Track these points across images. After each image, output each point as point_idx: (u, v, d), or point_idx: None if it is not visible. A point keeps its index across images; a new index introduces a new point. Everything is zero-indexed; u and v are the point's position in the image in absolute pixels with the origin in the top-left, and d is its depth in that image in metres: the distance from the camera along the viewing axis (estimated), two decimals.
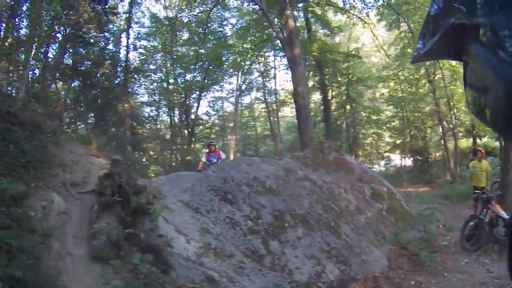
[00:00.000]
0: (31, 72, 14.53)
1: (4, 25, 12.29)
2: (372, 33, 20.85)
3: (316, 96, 29.21)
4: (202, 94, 27.02)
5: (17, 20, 13.06)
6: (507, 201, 8.73)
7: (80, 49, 17.26)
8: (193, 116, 26.46)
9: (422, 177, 25.54)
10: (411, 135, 28.78)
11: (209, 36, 23.58)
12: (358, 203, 8.18)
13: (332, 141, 15.57)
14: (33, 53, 13.62)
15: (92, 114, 19.97)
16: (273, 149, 30.81)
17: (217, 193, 6.51)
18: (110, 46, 20.50)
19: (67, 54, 17.21)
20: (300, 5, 20.99)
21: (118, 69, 20.94)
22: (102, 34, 18.28)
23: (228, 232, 5.82)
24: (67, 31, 15.58)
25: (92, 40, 17.43)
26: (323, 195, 7.31)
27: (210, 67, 25.90)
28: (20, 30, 13.81)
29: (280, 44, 20.90)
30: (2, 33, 12.18)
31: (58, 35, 15.70)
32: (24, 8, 12.74)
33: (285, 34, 15.87)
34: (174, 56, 24.98)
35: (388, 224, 8.26)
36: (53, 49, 16.34)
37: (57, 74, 16.32)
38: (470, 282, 6.68)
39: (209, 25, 21.92)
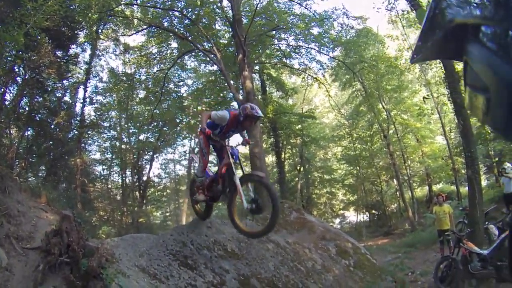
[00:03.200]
0: None
1: None
2: (327, 92, 21.62)
3: (269, 158, 29.51)
4: (155, 156, 26.60)
5: None
6: (477, 237, 9.02)
7: (38, 96, 16.54)
8: (145, 178, 25.79)
9: (380, 230, 26.39)
10: (365, 191, 29.43)
11: (165, 97, 23.55)
12: (324, 262, 7.96)
13: (291, 202, 15.51)
14: None
15: (43, 167, 18.79)
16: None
17: (176, 258, 5.93)
18: (67, 98, 19.98)
19: (24, 99, 16.35)
20: (257, 67, 21.60)
21: (73, 122, 20.14)
22: (60, 84, 17.76)
23: None
24: (27, 75, 14.99)
25: (49, 89, 16.86)
26: (288, 256, 7.05)
27: (164, 128, 25.68)
28: None
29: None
30: None
31: (18, 78, 15.12)
32: None
33: (242, 96, 16.16)
34: (129, 115, 24.65)
35: (357, 279, 8.06)
36: (11, 92, 15.53)
37: (11, 119, 15.32)
38: None
39: (165, 85, 21.90)
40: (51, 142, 17.93)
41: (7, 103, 15.09)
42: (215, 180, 5.98)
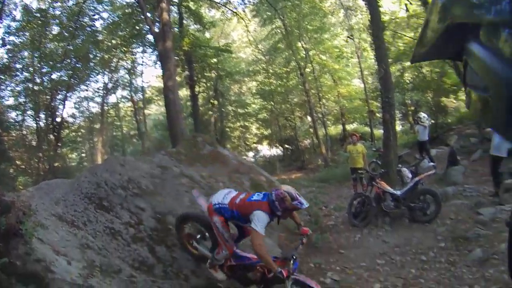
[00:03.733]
0: None
1: None
2: (246, 27, 21.40)
3: (183, 92, 29.15)
4: (68, 95, 25.07)
5: None
6: (391, 178, 9.31)
7: None
8: (59, 119, 24.30)
9: (294, 164, 27.09)
10: (279, 125, 30.17)
11: (79, 32, 22.02)
12: None
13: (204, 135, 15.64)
14: None
15: None
16: (141, 148, 30.34)
17: (91, 201, 5.81)
18: None
19: None
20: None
21: None
22: None
23: (110, 245, 5.21)
24: None
25: None
26: (202, 191, 6.79)
27: (78, 65, 24.09)
28: None
29: (150, 41, 21.28)
30: None
31: None
32: None
33: (158, 27, 15.70)
34: (42, 54, 22.57)
35: None
36: None
37: None
38: (369, 255, 7.05)
39: (80, 19, 20.40)
40: None
41: None
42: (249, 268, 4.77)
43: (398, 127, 23.53)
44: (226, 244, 4.68)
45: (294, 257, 4.43)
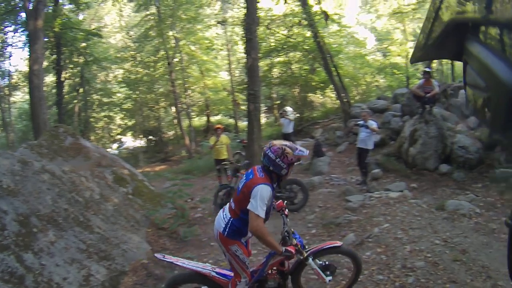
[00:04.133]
0: None
1: None
2: (120, 11, 20.15)
3: (49, 78, 26.05)
4: None
5: None
6: None
7: None
8: None
9: (158, 156, 26.62)
10: (143, 116, 29.30)
11: None
12: (102, 190, 7.54)
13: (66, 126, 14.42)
14: None
15: None
16: (5, 141, 26.56)
17: None
18: None
19: None
20: None
21: None
22: None
23: None
24: None
25: None
26: (65, 187, 6.35)
27: None
28: None
29: (23, 19, 18.67)
30: None
31: None
32: None
33: (31, 3, 14.16)
34: None
35: (137, 207, 7.96)
36: None
37: None
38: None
39: None
40: None
41: None
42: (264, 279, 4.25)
43: (263, 120, 24.72)
44: (247, 271, 4.02)
45: (289, 233, 3.96)
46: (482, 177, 9.90)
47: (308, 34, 18.55)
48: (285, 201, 4.98)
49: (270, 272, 4.15)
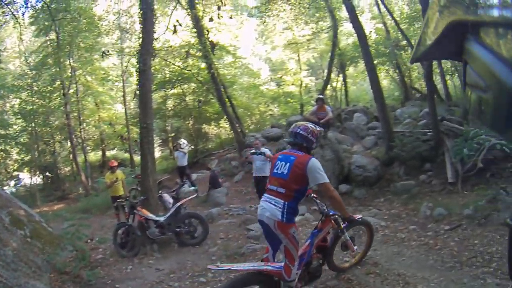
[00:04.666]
0: None
1: None
2: (20, 35, 18.53)
3: None
4: None
5: None
6: (151, 204, 9.23)
7: None
8: None
9: (55, 194, 24.76)
10: (39, 151, 27.25)
11: None
12: (0, 234, 6.78)
13: None
14: None
15: None
16: None
17: None
18: None
19: None
20: None
21: None
22: None
23: None
24: None
25: None
26: None
27: None
28: None
29: None
30: None
31: None
32: None
33: None
34: None
35: (37, 251, 7.28)
36: None
37: None
38: (146, 286, 6.74)
39: None
40: None
41: None
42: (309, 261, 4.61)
43: (158, 153, 24.35)
44: (293, 262, 4.12)
45: (327, 209, 4.83)
46: (383, 192, 10.67)
47: (203, 65, 18.87)
48: (186, 236, 5.21)
49: (314, 251, 4.60)
